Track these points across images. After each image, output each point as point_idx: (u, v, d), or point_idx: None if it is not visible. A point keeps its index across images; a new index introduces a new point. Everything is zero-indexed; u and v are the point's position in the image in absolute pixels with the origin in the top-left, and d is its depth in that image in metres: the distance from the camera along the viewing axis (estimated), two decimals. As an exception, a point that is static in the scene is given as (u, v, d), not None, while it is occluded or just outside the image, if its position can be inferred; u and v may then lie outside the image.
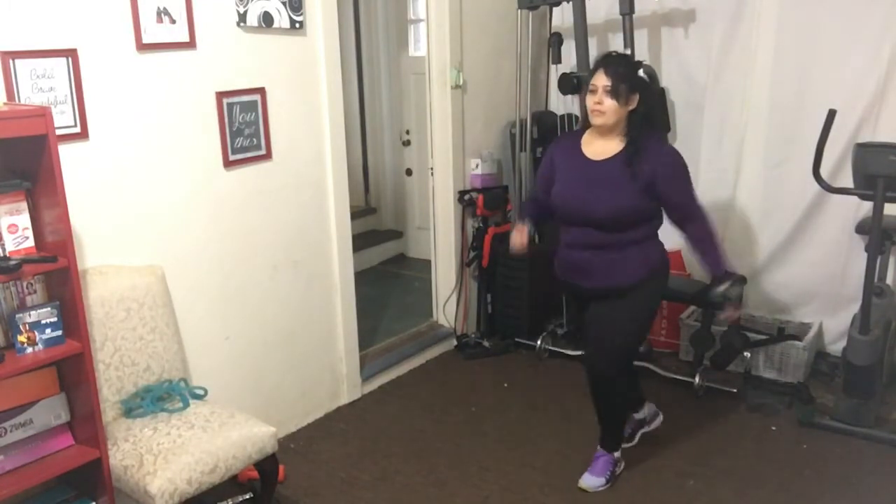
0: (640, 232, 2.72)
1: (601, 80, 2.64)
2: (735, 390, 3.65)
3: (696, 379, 3.66)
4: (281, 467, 2.83)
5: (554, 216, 2.87)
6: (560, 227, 2.87)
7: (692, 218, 2.74)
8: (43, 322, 2.23)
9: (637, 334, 2.94)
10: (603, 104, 2.64)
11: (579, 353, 4.04)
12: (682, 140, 4.11)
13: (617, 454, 3.04)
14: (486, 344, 4.28)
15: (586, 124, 2.79)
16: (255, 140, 3.03)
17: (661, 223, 2.78)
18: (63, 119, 2.41)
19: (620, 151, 2.69)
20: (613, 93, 2.62)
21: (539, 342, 4.15)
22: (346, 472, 3.13)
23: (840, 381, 3.41)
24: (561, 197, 2.78)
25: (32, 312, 2.22)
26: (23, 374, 2.24)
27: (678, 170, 2.71)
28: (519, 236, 2.88)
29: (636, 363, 3.33)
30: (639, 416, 3.25)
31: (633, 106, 2.66)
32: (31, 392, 2.30)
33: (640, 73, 2.79)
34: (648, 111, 2.72)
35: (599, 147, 2.74)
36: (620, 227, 2.68)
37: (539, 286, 4.20)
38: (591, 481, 2.97)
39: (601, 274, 2.75)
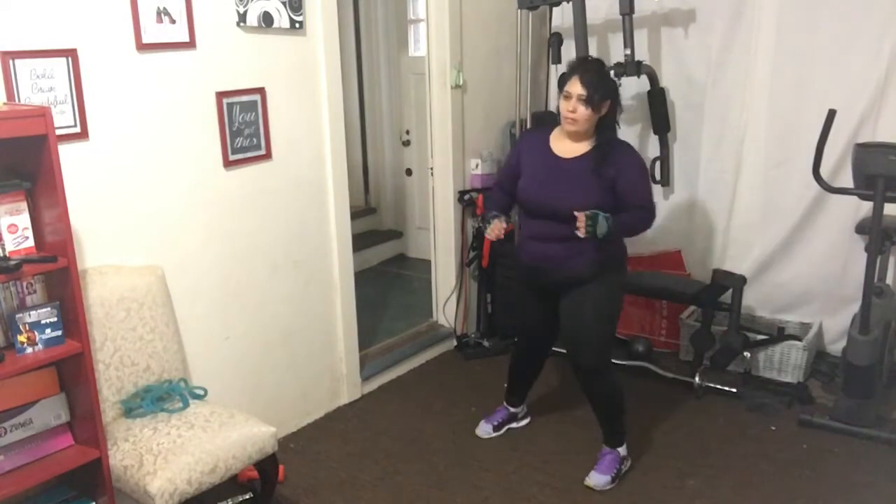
0: None
1: (576, 89, 2.72)
2: (735, 390, 3.65)
3: (696, 379, 3.66)
4: (281, 467, 2.83)
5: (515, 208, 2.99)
6: (521, 219, 3.00)
7: (641, 207, 2.84)
8: (43, 322, 2.23)
9: (608, 322, 2.99)
10: (576, 112, 2.74)
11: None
12: (682, 140, 4.11)
13: (622, 451, 3.05)
14: (486, 344, 4.28)
15: (556, 122, 2.90)
16: (254, 140, 3.03)
17: None
18: (63, 119, 2.41)
19: (589, 151, 2.81)
20: (587, 102, 2.71)
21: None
22: (346, 472, 3.13)
23: (840, 381, 3.41)
24: (527, 191, 2.88)
25: (32, 312, 2.22)
26: (23, 374, 2.24)
27: (640, 173, 2.87)
28: (498, 229, 2.89)
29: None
30: (515, 409, 3.41)
31: (604, 112, 2.77)
32: (31, 392, 2.30)
33: (612, 74, 2.91)
34: (615, 116, 2.84)
35: (568, 146, 2.85)
36: None
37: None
38: (597, 479, 2.98)
39: (561, 263, 2.86)
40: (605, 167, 2.76)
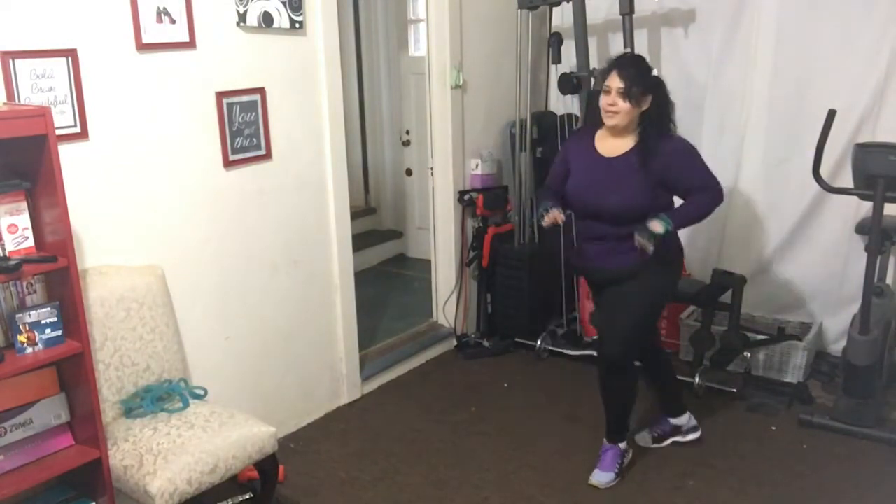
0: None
1: (615, 83, 2.72)
2: (735, 390, 3.65)
3: (696, 379, 3.66)
4: (281, 467, 2.82)
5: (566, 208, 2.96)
6: (574, 219, 3.00)
7: (703, 189, 2.79)
8: (43, 322, 2.23)
9: (645, 316, 2.94)
10: (616, 105, 2.73)
11: (579, 352, 4.05)
12: (682, 140, 4.11)
13: (623, 445, 3.05)
14: (486, 344, 4.28)
15: (598, 122, 2.85)
16: (254, 140, 3.03)
17: None
18: (63, 119, 2.41)
19: (633, 148, 2.79)
20: (626, 95, 2.71)
21: (539, 342, 4.15)
22: (346, 472, 3.13)
23: (840, 381, 3.41)
24: (575, 191, 2.89)
25: (32, 312, 2.22)
26: (23, 374, 2.24)
27: (689, 155, 2.80)
28: (555, 215, 2.84)
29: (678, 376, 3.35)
30: (676, 421, 3.25)
31: (645, 107, 2.74)
32: (31, 392, 2.30)
33: (654, 73, 2.85)
34: (661, 111, 2.78)
35: (612, 144, 2.84)
36: (630, 220, 2.74)
37: (539, 286, 4.20)
38: (601, 477, 2.98)
39: (612, 260, 2.84)
40: (650, 162, 2.73)
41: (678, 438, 3.25)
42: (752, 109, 3.88)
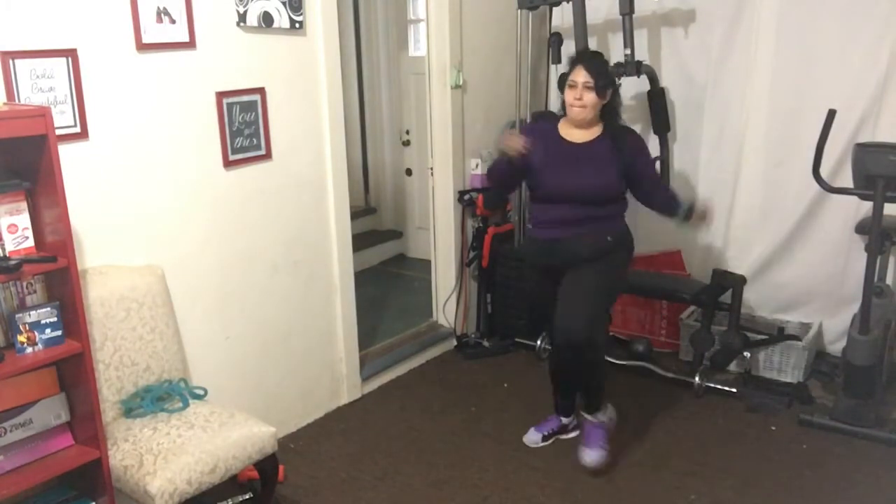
0: (618, 206, 2.99)
1: (581, 77, 2.84)
2: (735, 390, 3.65)
3: (696, 379, 3.66)
4: (281, 467, 2.83)
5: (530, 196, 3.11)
6: (535, 207, 3.07)
7: (658, 186, 3.11)
8: (43, 322, 2.23)
9: (606, 296, 3.04)
10: (583, 99, 2.85)
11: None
12: (682, 140, 4.11)
13: (601, 415, 3.09)
14: (486, 344, 4.28)
15: (557, 116, 3.04)
16: (254, 140, 3.03)
17: (627, 205, 3.04)
18: (63, 119, 2.42)
19: (600, 135, 2.95)
20: (594, 88, 2.83)
21: (539, 342, 4.15)
22: (346, 471, 3.13)
23: (840, 381, 3.41)
24: (547, 176, 2.94)
25: (32, 312, 2.22)
26: (23, 374, 2.24)
27: (647, 150, 3.10)
28: (513, 137, 2.87)
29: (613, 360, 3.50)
30: (566, 420, 3.31)
31: (607, 100, 2.91)
32: (31, 392, 2.30)
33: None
34: (616, 104, 2.99)
35: (578, 133, 2.96)
36: (601, 202, 2.92)
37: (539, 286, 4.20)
38: (592, 456, 3.01)
39: (575, 243, 2.93)
40: (621, 148, 2.91)
41: (563, 436, 3.32)
42: (753, 109, 3.88)
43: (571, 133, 2.98)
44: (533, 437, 3.27)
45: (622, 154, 2.90)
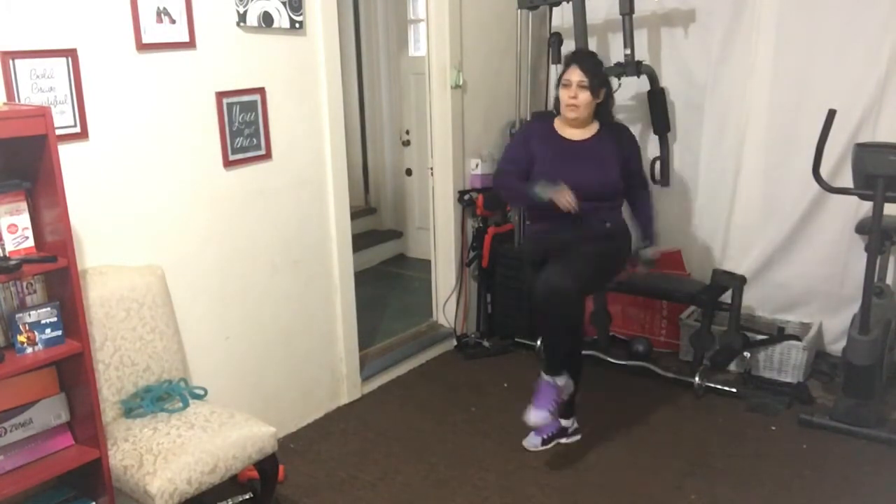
0: (616, 202, 3.06)
1: (575, 76, 2.90)
2: (735, 390, 3.65)
3: (696, 379, 3.66)
4: (281, 467, 2.83)
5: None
6: (535, 205, 3.02)
7: (644, 186, 3.22)
8: (43, 322, 2.23)
9: (594, 269, 2.97)
10: (577, 98, 2.91)
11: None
12: (682, 140, 4.11)
13: (560, 381, 2.95)
14: (486, 344, 4.28)
15: (552, 115, 3.09)
16: (254, 140, 3.03)
17: (623, 200, 3.12)
18: (63, 119, 2.42)
19: (597, 133, 3.02)
20: (588, 87, 2.89)
21: (539, 342, 4.15)
22: (346, 472, 3.13)
23: (840, 381, 3.41)
24: (548, 174, 2.95)
25: (32, 312, 2.22)
26: (23, 374, 2.24)
27: (638, 147, 3.19)
28: (567, 194, 2.85)
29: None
30: (566, 423, 3.26)
31: (601, 99, 2.98)
32: (31, 392, 2.30)
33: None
34: (609, 103, 3.07)
35: (575, 132, 3.01)
36: (602, 198, 2.97)
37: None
38: (536, 416, 2.92)
39: (577, 230, 2.96)
40: (619, 144, 3.01)
41: (563, 440, 3.27)
42: (752, 109, 3.88)
43: (569, 131, 3.04)
44: (533, 442, 3.25)
45: (622, 149, 3.02)
